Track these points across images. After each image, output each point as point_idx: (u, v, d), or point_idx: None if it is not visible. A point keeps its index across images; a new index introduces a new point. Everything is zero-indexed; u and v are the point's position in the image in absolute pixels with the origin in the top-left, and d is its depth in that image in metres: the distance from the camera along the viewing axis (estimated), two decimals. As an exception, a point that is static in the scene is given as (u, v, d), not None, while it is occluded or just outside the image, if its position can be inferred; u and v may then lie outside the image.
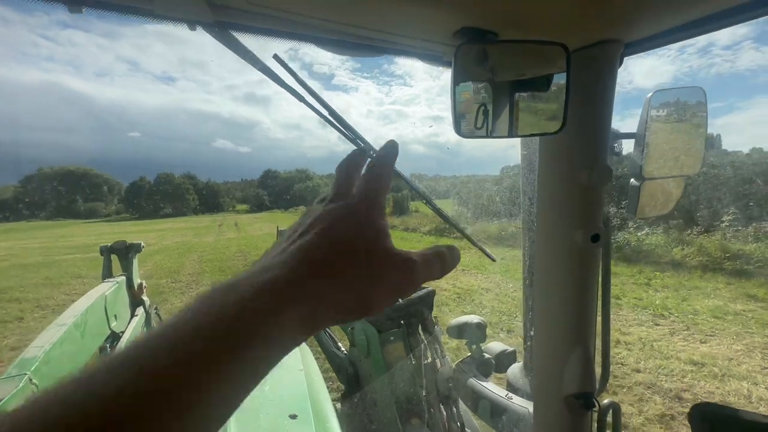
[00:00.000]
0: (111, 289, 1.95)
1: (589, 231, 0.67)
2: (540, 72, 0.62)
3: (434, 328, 1.32)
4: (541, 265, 0.75)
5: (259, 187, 69.69)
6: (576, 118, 0.59)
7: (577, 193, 0.66)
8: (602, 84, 0.60)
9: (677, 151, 0.95)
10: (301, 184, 65.50)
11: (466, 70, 0.57)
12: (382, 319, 1.24)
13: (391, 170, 0.35)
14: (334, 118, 0.62)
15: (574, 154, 0.65)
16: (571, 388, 0.73)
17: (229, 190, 73.39)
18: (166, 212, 55.76)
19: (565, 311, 0.72)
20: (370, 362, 1.33)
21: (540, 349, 0.79)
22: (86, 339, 1.54)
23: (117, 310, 1.99)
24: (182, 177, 62.50)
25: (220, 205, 63.38)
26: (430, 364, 1.30)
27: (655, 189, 0.98)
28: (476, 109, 0.58)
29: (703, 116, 0.91)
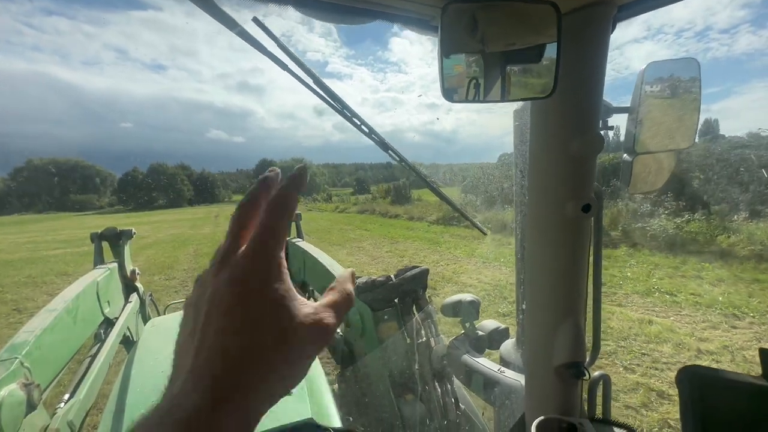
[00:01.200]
0: (103, 276, 1.93)
1: (580, 201, 0.66)
2: (531, 39, 0.60)
3: (428, 306, 1.33)
4: (532, 236, 0.75)
5: (255, 177, 68.91)
6: (567, 84, 0.58)
7: (569, 162, 0.66)
8: (594, 49, 0.59)
9: (671, 124, 0.94)
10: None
11: (454, 33, 0.55)
12: (376, 298, 1.24)
13: (290, 212, 0.31)
14: (319, 87, 0.61)
15: (566, 123, 0.64)
16: (562, 359, 0.74)
17: (224, 180, 72.82)
18: (160, 204, 55.27)
19: (556, 282, 0.73)
20: (364, 341, 1.34)
21: (531, 321, 0.79)
22: (78, 325, 1.53)
23: (110, 296, 1.98)
24: (176, 167, 61.76)
25: (215, 195, 62.88)
26: (424, 342, 1.32)
27: (648, 163, 0.98)
28: (465, 74, 0.57)
29: (697, 88, 0.90)
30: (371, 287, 1.28)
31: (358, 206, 22.30)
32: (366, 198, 27.47)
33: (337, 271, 1.75)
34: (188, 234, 16.19)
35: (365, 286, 1.27)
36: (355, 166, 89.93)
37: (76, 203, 55.86)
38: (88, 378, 1.41)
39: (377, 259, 8.46)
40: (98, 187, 61.77)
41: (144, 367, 1.34)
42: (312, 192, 49.93)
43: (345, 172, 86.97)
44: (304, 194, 8.66)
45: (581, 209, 0.67)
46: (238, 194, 67.43)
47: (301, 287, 2.38)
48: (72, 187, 59.43)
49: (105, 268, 2.11)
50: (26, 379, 1.01)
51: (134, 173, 58.67)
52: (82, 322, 1.59)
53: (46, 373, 1.18)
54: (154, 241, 14.34)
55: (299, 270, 2.34)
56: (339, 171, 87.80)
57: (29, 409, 0.99)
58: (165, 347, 1.48)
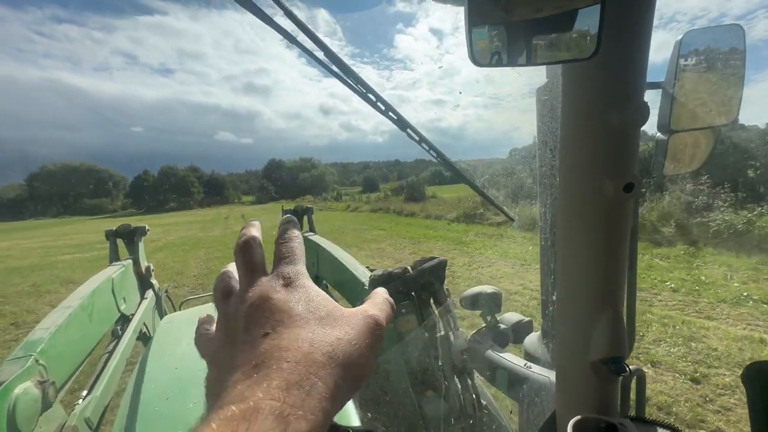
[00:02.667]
0: (117, 272, 1.93)
1: (621, 179, 0.60)
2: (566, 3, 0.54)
3: (446, 299, 1.28)
4: (564, 220, 0.69)
5: (264, 177, 69.47)
6: (608, 46, 0.52)
7: (608, 136, 0.59)
8: (639, 7, 0.53)
9: (710, 98, 0.86)
10: (306, 173, 65.21)
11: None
12: (393, 290, 1.20)
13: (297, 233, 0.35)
14: (333, 62, 0.56)
15: (606, 91, 0.57)
16: (599, 353, 0.68)
17: (233, 181, 73.30)
18: (171, 206, 56.07)
19: (593, 270, 0.66)
20: None
21: (563, 313, 0.74)
22: (94, 322, 1.52)
23: (125, 293, 1.98)
24: (186, 169, 62.50)
25: (225, 197, 63.48)
26: (443, 336, 1.26)
27: (684, 142, 0.90)
28: (495, 37, 0.51)
29: (740, 59, 0.82)
30: (387, 279, 1.23)
31: (371, 205, 21.83)
32: (378, 196, 27.06)
33: (351, 264, 1.70)
34: (199, 237, 15.99)
35: (381, 278, 1.22)
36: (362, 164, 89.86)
37: (89, 207, 57.07)
38: (105, 374, 1.40)
39: (401, 262, 8.23)
40: (111, 191, 62.98)
41: (159, 363, 1.33)
42: (322, 191, 50.00)
43: (353, 170, 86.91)
44: (315, 194, 8.65)
45: (623, 188, 0.60)
46: (248, 195, 68.00)
47: (314, 281, 2.34)
48: (85, 191, 60.71)
49: (120, 264, 2.11)
50: (41, 377, 1.00)
51: (145, 176, 59.66)
52: (97, 319, 1.58)
53: (62, 370, 1.17)
54: (165, 244, 14.10)
55: (313, 264, 2.32)
56: (347, 170, 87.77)
57: (45, 406, 0.98)
58: (180, 343, 1.46)
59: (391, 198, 22.55)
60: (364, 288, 1.36)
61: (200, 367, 1.19)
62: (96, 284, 1.64)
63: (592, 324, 0.68)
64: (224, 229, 18.77)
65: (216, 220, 26.44)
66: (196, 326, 0.36)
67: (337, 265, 1.79)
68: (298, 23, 0.50)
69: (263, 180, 67.58)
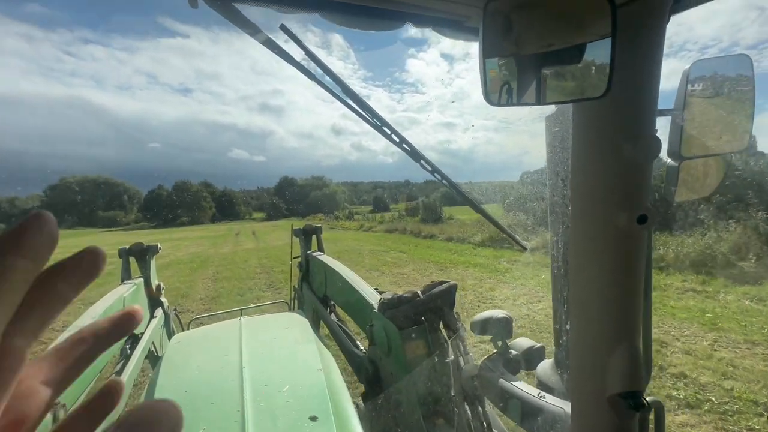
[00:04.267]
0: (129, 291, 1.96)
1: (635, 212, 0.60)
2: (576, 37, 0.56)
3: (456, 324, 1.26)
4: (578, 252, 0.69)
5: (275, 194, 70.33)
6: (619, 81, 0.53)
7: (621, 168, 0.60)
8: (649, 42, 0.54)
9: (720, 126, 0.87)
10: (318, 191, 65.86)
11: (496, 34, 0.52)
12: (402, 315, 1.19)
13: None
14: (349, 97, 0.58)
15: (618, 125, 0.58)
16: (616, 387, 0.67)
17: (245, 198, 74.42)
18: (183, 221, 56.97)
19: (609, 302, 0.66)
20: (391, 361, 1.28)
21: (578, 345, 0.72)
22: None
23: None
24: (199, 185, 63.83)
25: (236, 213, 64.30)
26: (453, 362, 1.24)
27: (695, 169, 0.90)
28: (508, 75, 0.53)
29: (749, 87, 0.83)
30: (397, 304, 1.22)
31: (385, 225, 21.14)
32: (392, 216, 26.56)
33: (359, 286, 1.70)
34: (209, 253, 15.15)
35: (390, 302, 1.22)
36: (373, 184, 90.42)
37: (103, 219, 58.27)
38: None
39: (421, 283, 7.24)
40: (125, 204, 64.42)
41: (169, 384, 1.32)
42: (333, 210, 50.30)
43: (363, 190, 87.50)
44: (326, 212, 8.47)
45: (636, 220, 0.60)
46: (259, 212, 68.73)
47: (322, 302, 2.33)
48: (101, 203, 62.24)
49: (132, 283, 2.14)
50: None
51: (159, 191, 61.02)
52: None
53: (72, 392, 1.18)
54: (173, 260, 13.26)
55: (321, 284, 2.31)
56: (357, 189, 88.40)
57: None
58: (189, 363, 1.46)
59: (406, 218, 21.90)
60: (373, 311, 1.36)
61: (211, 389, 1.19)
62: (108, 303, 1.66)
63: (609, 357, 0.67)
64: (234, 246, 18.03)
65: (227, 236, 25.43)
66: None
67: (346, 286, 1.79)
68: (314, 58, 0.53)
69: (275, 197, 68.42)
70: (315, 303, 2.35)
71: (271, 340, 1.47)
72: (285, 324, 1.73)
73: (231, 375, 1.16)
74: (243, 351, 1.34)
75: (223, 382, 1.14)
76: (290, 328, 1.64)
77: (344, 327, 1.92)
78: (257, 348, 1.38)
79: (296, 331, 1.62)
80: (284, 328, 1.64)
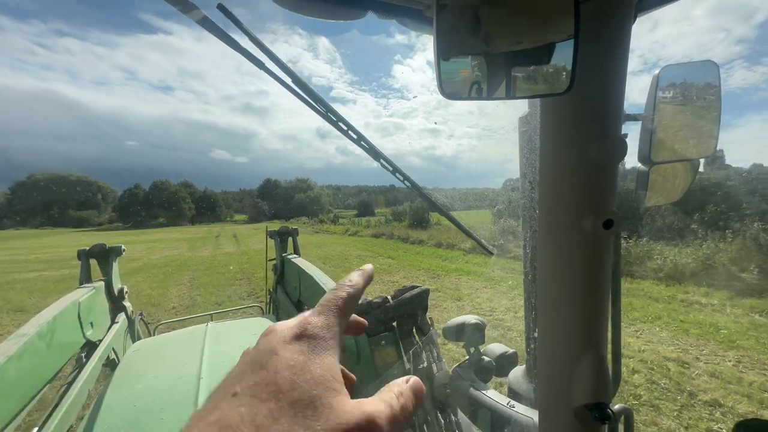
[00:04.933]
0: (86, 295, 1.83)
1: (600, 216, 0.58)
2: (540, 35, 0.53)
3: (430, 330, 1.22)
4: (545, 257, 0.66)
5: (258, 196, 68.92)
6: (584, 82, 0.51)
7: (586, 170, 0.57)
8: (615, 40, 0.52)
9: (688, 131, 0.87)
10: (302, 194, 64.96)
11: (452, 29, 0.48)
12: (372, 322, 1.14)
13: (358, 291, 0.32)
14: (295, 83, 0.53)
15: (583, 125, 0.56)
16: (583, 398, 0.64)
17: (226, 199, 72.60)
18: (160, 221, 55.11)
19: (574, 310, 0.63)
20: (360, 369, 1.23)
21: (545, 354, 0.70)
22: (54, 349, 1.42)
23: (93, 317, 1.87)
24: (178, 185, 61.90)
25: (217, 214, 62.70)
26: (425, 369, 1.20)
27: (664, 174, 0.90)
28: (467, 74, 0.49)
29: (716, 93, 0.83)
30: (367, 309, 1.18)
31: (372, 229, 20.68)
32: (378, 220, 26.09)
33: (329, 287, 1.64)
34: (185, 257, 14.21)
35: (360, 307, 1.17)
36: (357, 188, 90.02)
37: (74, 219, 55.68)
38: (61, 407, 1.29)
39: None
40: (99, 203, 61.77)
41: (120, 394, 1.23)
42: (318, 213, 49.69)
43: (347, 193, 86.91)
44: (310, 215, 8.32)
45: (602, 225, 0.58)
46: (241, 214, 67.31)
47: (297, 306, 2.26)
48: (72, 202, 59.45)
49: (90, 287, 2.01)
50: None
51: (136, 190, 58.85)
52: (58, 347, 1.48)
53: (11, 405, 1.07)
54: (145, 264, 12.35)
55: (295, 288, 2.24)
56: (342, 192, 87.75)
57: None
58: (144, 373, 1.36)
59: (393, 223, 21.53)
60: None
61: (162, 403, 1.09)
62: (60, 308, 1.54)
63: (575, 367, 0.64)
64: (214, 249, 17.10)
65: (206, 238, 24.68)
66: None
67: (319, 290, 1.73)
68: (257, 43, 0.48)
69: (257, 199, 67.09)
70: (289, 307, 2.28)
71: (235, 348, 1.39)
72: (254, 330, 1.66)
73: (186, 387, 1.08)
74: (204, 360, 1.26)
75: (176, 395, 1.06)
76: (258, 335, 1.57)
77: None
78: (220, 357, 1.30)
79: None
80: (252, 335, 1.56)
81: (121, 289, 2.25)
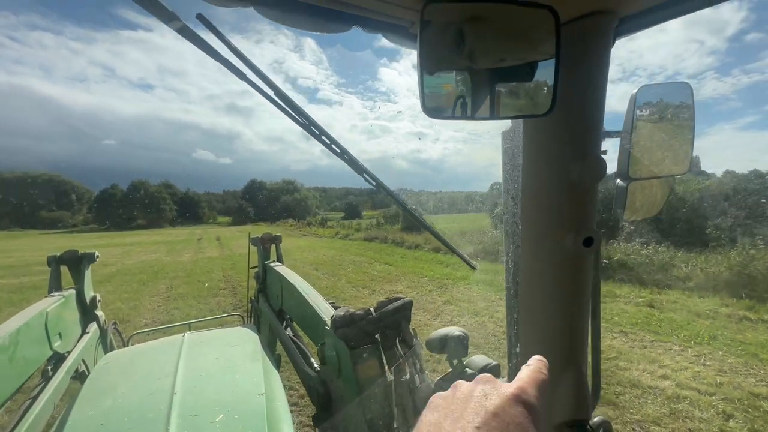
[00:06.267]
0: (55, 305, 1.73)
1: (581, 234, 0.58)
2: (523, 54, 0.54)
3: (414, 341, 1.21)
4: (526, 274, 0.66)
5: (242, 198, 67.53)
6: (565, 103, 0.51)
7: (567, 190, 0.58)
8: (595, 63, 0.53)
9: (664, 150, 0.90)
10: (288, 195, 64.08)
11: (435, 45, 0.48)
12: (354, 334, 1.12)
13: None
14: (275, 93, 0.52)
15: (563, 145, 0.57)
16: (563, 415, 0.64)
17: (209, 200, 70.87)
18: (139, 223, 53.30)
19: (555, 326, 0.63)
20: (341, 383, 1.20)
21: None
22: (16, 363, 1.33)
23: (62, 327, 1.77)
24: (159, 185, 60.06)
25: (199, 216, 61.08)
26: (407, 381, 1.19)
27: (642, 190, 0.93)
28: (450, 90, 0.49)
29: (689, 114, 0.86)
30: (349, 321, 1.16)
31: (363, 232, 19.70)
32: (369, 223, 25.29)
33: (314, 300, 1.61)
34: (164, 262, 13.09)
35: (342, 320, 1.15)
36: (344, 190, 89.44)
37: (46, 220, 53.08)
38: (23, 423, 1.21)
39: (437, 314, 5.72)
40: (73, 204, 59.23)
41: (84, 412, 1.16)
42: (305, 215, 49.01)
43: (334, 196, 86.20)
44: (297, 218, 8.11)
45: (582, 243, 0.59)
46: (224, 216, 65.82)
47: (278, 315, 2.21)
48: (44, 203, 56.78)
49: (60, 295, 1.91)
50: None
51: (113, 190, 56.73)
52: (20, 360, 1.39)
53: None
54: (119, 270, 11.13)
55: (277, 297, 2.19)
56: (328, 195, 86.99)
57: None
58: (114, 387, 1.29)
59: (385, 226, 20.69)
60: (326, 327, 1.28)
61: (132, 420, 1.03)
62: (25, 319, 1.45)
63: (555, 384, 0.64)
64: (195, 253, 15.82)
65: (187, 241, 23.11)
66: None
67: (301, 300, 1.69)
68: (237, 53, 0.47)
69: (242, 201, 65.65)
70: (271, 317, 2.22)
71: (212, 360, 1.34)
72: (232, 341, 1.60)
73: (158, 403, 1.03)
74: (178, 373, 1.21)
75: (147, 412, 1.00)
76: (237, 346, 1.52)
77: (299, 343, 1.81)
78: (195, 369, 1.25)
79: (243, 348, 1.50)
80: (230, 346, 1.51)
81: (94, 298, 2.15)
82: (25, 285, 9.17)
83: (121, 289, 8.40)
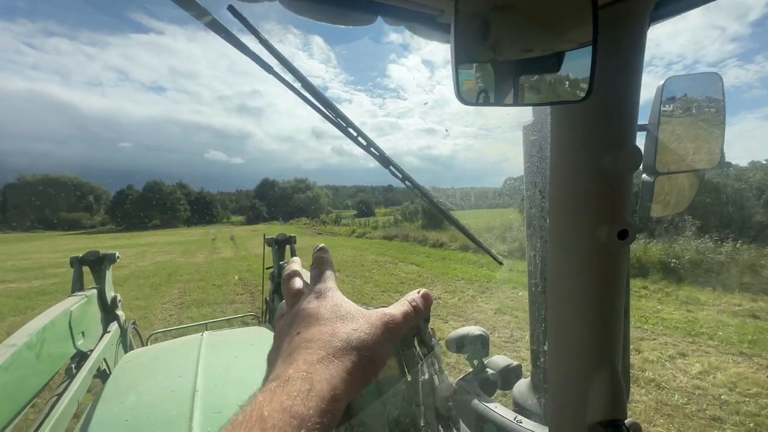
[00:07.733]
0: (78, 304, 1.78)
1: (615, 226, 0.56)
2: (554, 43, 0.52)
3: (432, 340, 1.20)
4: (556, 269, 0.64)
5: (255, 197, 68.14)
6: (600, 88, 0.50)
7: (601, 181, 0.56)
8: (630, 49, 0.51)
9: (693, 142, 0.86)
10: (300, 194, 64.34)
11: (468, 32, 0.47)
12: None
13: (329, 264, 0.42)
14: (307, 89, 0.51)
15: (597, 134, 0.55)
16: (598, 415, 0.62)
17: (223, 200, 71.72)
18: (155, 223, 54.38)
19: (589, 323, 0.61)
20: None
21: (557, 369, 0.67)
22: (43, 360, 1.37)
23: (85, 326, 1.82)
24: (173, 186, 61.14)
25: (213, 216, 61.92)
26: (427, 381, 1.17)
27: (669, 184, 0.89)
28: (482, 75, 0.48)
29: (720, 104, 0.83)
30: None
31: (381, 230, 18.82)
32: (387, 220, 24.52)
33: None
34: (178, 263, 12.79)
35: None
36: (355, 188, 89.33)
37: (66, 221, 54.66)
38: (50, 420, 1.24)
39: (492, 328, 4.81)
40: (91, 205, 60.80)
41: (109, 409, 1.18)
42: (318, 213, 49.03)
43: (345, 194, 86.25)
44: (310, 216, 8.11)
45: (617, 236, 0.57)
46: (238, 215, 66.50)
47: None
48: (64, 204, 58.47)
49: (82, 295, 1.95)
50: None
51: (129, 191, 58.00)
52: (47, 357, 1.43)
53: (6, 414, 1.03)
54: (133, 271, 10.91)
55: None
56: (339, 193, 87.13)
57: None
58: (137, 385, 1.32)
59: (404, 223, 19.64)
60: None
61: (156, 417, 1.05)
62: (49, 318, 1.49)
63: (589, 382, 0.62)
64: (210, 253, 15.49)
65: (202, 241, 23.08)
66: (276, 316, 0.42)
67: None
68: (268, 46, 0.46)
69: (255, 200, 66.24)
70: None
71: (232, 359, 1.35)
72: (250, 340, 1.62)
73: (181, 400, 1.04)
74: (199, 371, 1.22)
75: (171, 409, 1.02)
76: (255, 345, 1.53)
77: None
78: (216, 368, 1.26)
79: (261, 347, 1.51)
80: (249, 345, 1.52)
81: (114, 298, 2.20)
82: (35, 289, 8.90)
83: (133, 293, 8.08)
